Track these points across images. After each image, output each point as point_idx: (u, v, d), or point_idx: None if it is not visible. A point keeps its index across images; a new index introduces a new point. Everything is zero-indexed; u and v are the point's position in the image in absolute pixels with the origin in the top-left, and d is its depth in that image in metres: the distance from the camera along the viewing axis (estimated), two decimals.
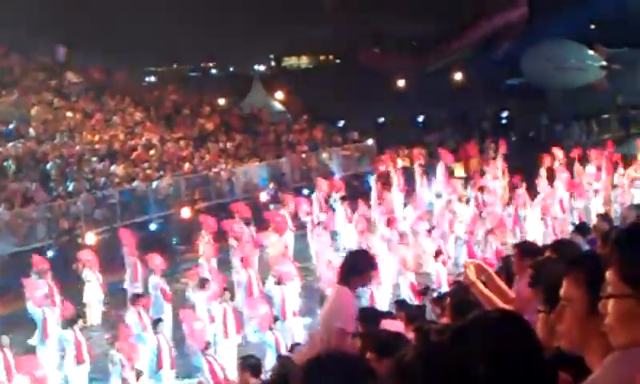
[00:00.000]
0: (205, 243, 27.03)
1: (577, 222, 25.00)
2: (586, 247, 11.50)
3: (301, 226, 31.13)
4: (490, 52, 60.02)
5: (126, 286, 25.54)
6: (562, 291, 3.48)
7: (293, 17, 57.35)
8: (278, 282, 22.34)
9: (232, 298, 22.29)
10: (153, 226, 33.83)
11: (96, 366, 19.96)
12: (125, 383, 18.07)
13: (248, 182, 38.51)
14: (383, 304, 20.78)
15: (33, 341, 21.25)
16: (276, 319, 20.31)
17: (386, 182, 36.15)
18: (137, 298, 21.74)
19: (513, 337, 3.37)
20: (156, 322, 19.83)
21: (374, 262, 9.54)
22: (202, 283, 22.10)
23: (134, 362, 18.48)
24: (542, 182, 33.06)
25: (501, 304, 6.47)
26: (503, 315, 3.67)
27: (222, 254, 27.02)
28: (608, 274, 3.10)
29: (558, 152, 36.13)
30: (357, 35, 62.48)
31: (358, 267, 8.47)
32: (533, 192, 32.37)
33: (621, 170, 34.94)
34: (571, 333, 3.40)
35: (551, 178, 33.78)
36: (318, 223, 29.61)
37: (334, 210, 32.20)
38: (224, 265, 26.45)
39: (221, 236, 27.78)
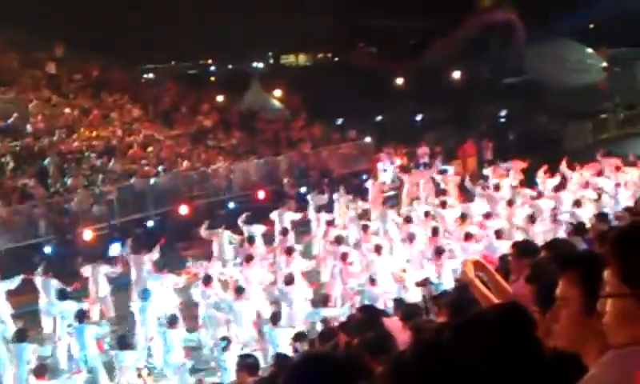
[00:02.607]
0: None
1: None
2: (584, 247, 11.49)
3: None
4: (484, 52, 60.08)
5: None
6: (557, 291, 3.48)
7: (290, 14, 57.38)
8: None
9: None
10: (150, 223, 33.84)
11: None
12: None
13: (246, 180, 38.53)
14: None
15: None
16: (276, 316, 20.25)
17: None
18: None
19: (512, 335, 3.38)
20: (172, 319, 19.75)
21: None
22: (206, 280, 22.06)
23: None
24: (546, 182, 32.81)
25: (499, 302, 6.46)
26: (502, 313, 3.67)
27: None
28: (606, 274, 3.11)
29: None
30: (347, 33, 62.66)
31: None
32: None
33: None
34: (567, 332, 3.41)
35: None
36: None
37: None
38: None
39: None
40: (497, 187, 32.30)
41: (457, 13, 60.39)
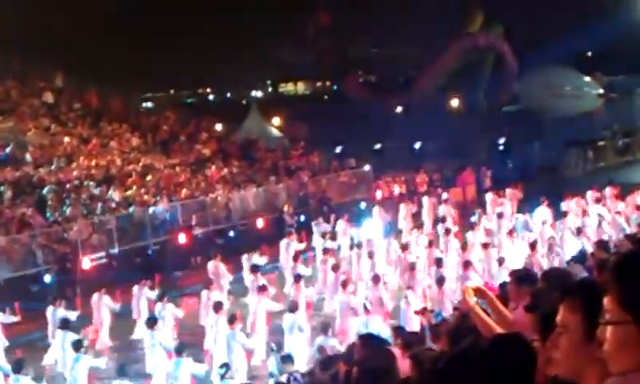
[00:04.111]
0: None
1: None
2: (585, 275, 11.46)
3: None
4: (475, 78, 60.14)
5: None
6: (558, 318, 3.47)
7: (289, 43, 57.57)
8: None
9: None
10: (149, 252, 33.83)
11: None
12: None
13: (245, 209, 38.51)
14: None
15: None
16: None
17: (385, 208, 36.57)
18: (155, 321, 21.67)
19: (507, 365, 3.36)
20: (180, 347, 19.70)
21: None
22: (216, 307, 22.04)
23: None
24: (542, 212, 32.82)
25: (499, 330, 6.44)
26: (495, 344, 3.66)
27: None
28: (606, 301, 3.10)
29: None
30: (340, 62, 62.85)
31: None
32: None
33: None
34: (567, 360, 3.39)
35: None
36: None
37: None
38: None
39: None
40: (499, 215, 32.56)
41: (434, 43, 60.60)
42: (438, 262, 25.94)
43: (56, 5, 48.15)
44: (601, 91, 55.85)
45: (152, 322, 21.38)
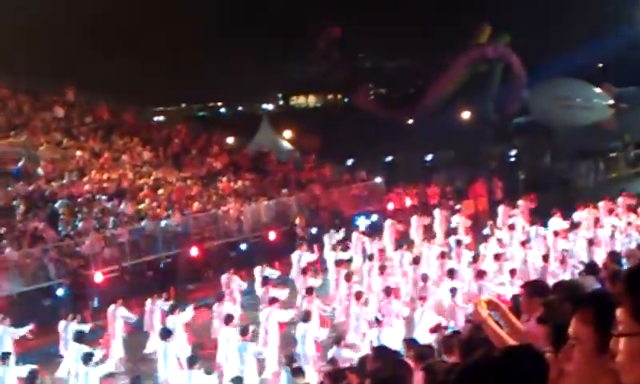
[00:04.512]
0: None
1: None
2: (597, 286, 11.45)
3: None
4: (484, 89, 60.10)
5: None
6: (570, 330, 3.47)
7: (300, 56, 57.66)
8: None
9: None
10: (162, 265, 33.84)
11: None
12: None
13: (256, 221, 38.50)
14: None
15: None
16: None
17: (398, 220, 36.60)
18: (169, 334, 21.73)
19: (519, 376, 3.37)
20: (192, 360, 19.75)
21: None
22: (227, 320, 22.05)
23: None
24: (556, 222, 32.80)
25: (512, 342, 6.43)
26: (507, 356, 3.67)
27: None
28: (619, 313, 3.10)
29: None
30: (351, 75, 62.91)
31: None
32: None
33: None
34: (580, 371, 3.39)
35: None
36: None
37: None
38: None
39: None
40: (511, 227, 32.56)
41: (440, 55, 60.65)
42: (450, 274, 25.92)
43: (60, 19, 48.36)
44: (611, 102, 55.74)
45: (166, 333, 21.45)
